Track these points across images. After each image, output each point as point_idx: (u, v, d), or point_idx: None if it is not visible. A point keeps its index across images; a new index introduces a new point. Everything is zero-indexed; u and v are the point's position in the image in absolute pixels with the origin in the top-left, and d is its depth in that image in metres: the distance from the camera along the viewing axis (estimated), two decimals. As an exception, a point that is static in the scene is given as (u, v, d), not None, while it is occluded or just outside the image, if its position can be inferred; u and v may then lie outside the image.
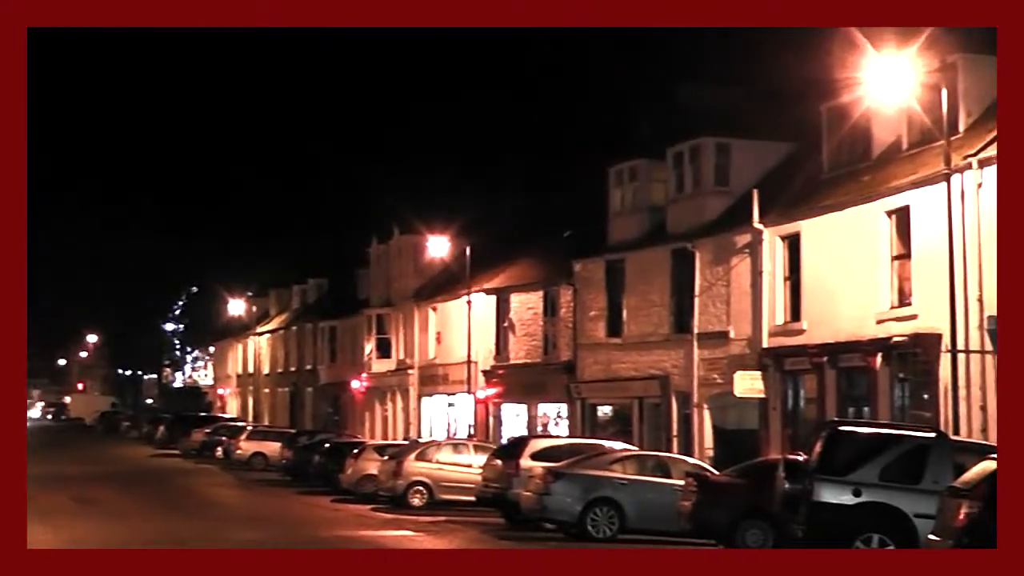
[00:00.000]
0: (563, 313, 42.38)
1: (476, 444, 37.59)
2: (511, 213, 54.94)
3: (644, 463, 28.37)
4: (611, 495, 26.80)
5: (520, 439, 34.49)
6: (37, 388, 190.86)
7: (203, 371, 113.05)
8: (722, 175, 35.71)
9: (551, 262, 44.23)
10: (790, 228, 31.99)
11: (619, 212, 39.84)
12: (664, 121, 41.02)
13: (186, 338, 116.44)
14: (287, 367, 77.94)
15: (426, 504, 34.35)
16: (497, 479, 30.86)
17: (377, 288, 60.47)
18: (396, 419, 57.64)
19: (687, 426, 35.78)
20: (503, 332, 46.64)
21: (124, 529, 27.93)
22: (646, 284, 37.91)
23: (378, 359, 58.69)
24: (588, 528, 26.51)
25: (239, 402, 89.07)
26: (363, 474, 37.53)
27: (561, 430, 41.73)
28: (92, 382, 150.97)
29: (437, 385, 52.82)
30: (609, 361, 39.56)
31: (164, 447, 66.89)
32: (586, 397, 40.97)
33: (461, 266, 47.32)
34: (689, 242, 35.54)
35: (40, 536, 26.68)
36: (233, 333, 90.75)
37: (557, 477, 27.32)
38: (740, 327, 33.56)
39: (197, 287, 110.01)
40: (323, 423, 66.65)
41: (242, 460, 52.63)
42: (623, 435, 37.17)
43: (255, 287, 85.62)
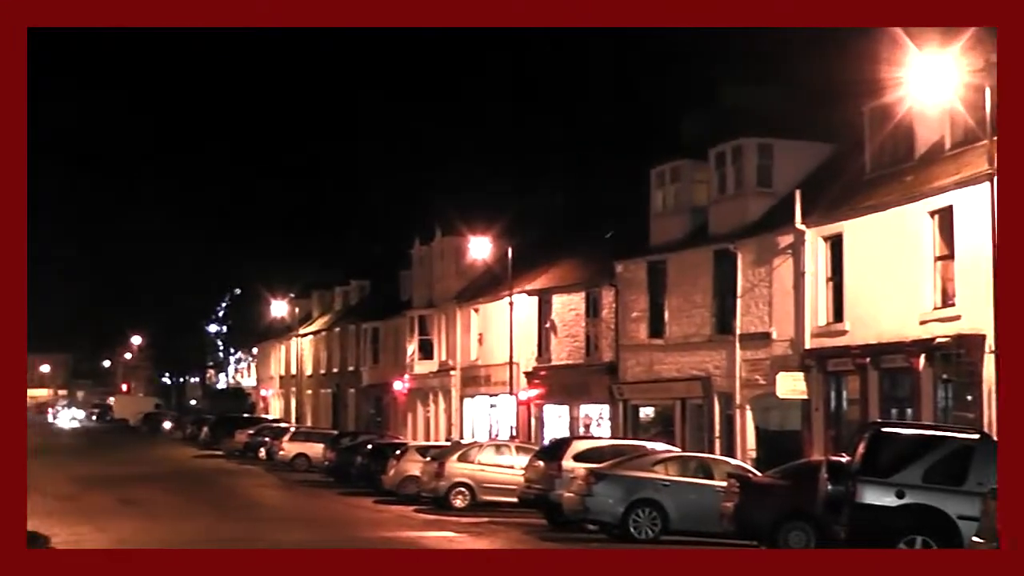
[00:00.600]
0: (605, 314, 42.36)
1: (518, 445, 37.65)
2: (553, 214, 54.97)
3: (686, 464, 28.37)
4: (653, 496, 26.80)
5: (562, 440, 34.51)
6: (82, 389, 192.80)
7: (246, 373, 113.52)
8: (764, 176, 35.60)
9: (593, 263, 44.22)
10: (833, 229, 31.87)
11: (661, 213, 39.79)
12: (706, 122, 40.93)
13: (229, 340, 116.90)
14: (330, 368, 78.22)
15: (468, 505, 34.44)
16: (539, 480, 30.91)
17: (419, 289, 60.61)
18: (438, 420, 57.75)
19: (729, 427, 35.69)
20: (545, 333, 46.65)
21: (168, 529, 28.15)
22: (688, 285, 37.84)
23: (420, 360, 58.82)
24: (630, 529, 26.52)
25: (282, 403, 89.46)
26: (405, 475, 37.65)
27: (603, 431, 41.68)
28: (136, 383, 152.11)
29: (479, 386, 52.90)
30: (651, 362, 39.51)
31: (208, 448, 67.32)
32: (628, 398, 40.93)
33: (503, 267, 47.37)
34: (731, 243, 35.45)
35: (87, 536, 26.99)
36: (276, 335, 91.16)
37: (599, 478, 27.34)
38: (782, 328, 33.46)
39: (240, 289, 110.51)
40: (365, 424, 66.85)
41: (285, 461, 52.88)
42: (665, 436, 37.14)
43: (298, 289, 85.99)
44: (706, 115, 41.80)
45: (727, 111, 40.00)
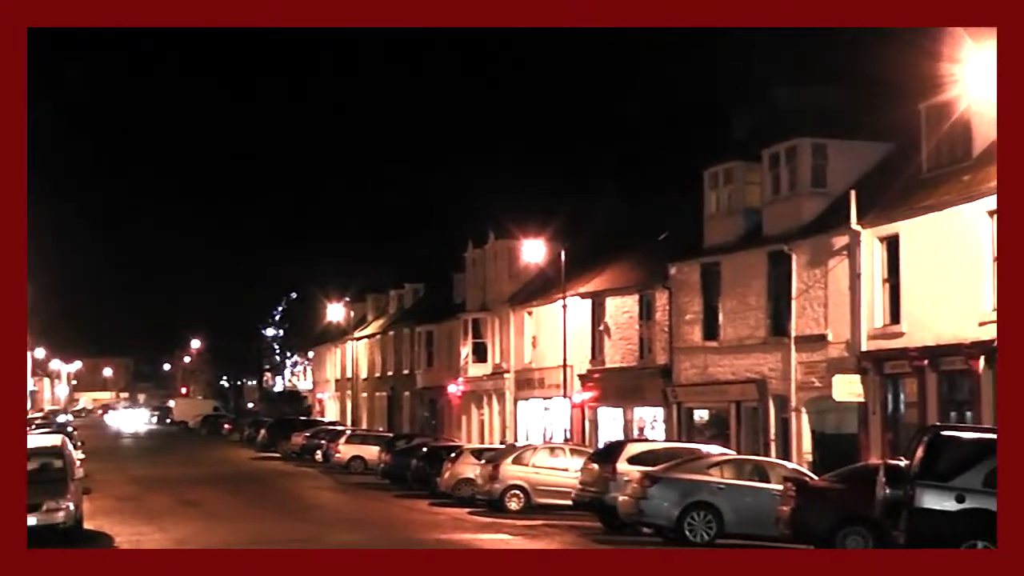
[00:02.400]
0: (659, 316, 42.24)
1: (572, 448, 37.66)
2: (606, 216, 54.91)
3: (742, 467, 28.27)
4: (709, 499, 26.73)
5: (616, 443, 34.47)
6: (143, 392, 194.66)
7: (302, 376, 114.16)
8: (819, 176, 35.37)
9: (646, 265, 44.12)
10: (889, 229, 31.62)
11: (714, 214, 39.65)
12: (759, 122, 40.76)
13: (286, 343, 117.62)
14: (384, 371, 78.52)
15: (523, 508, 34.52)
16: (594, 483, 30.91)
17: (473, 292, 60.72)
18: (492, 423, 57.83)
19: (785, 430, 35.49)
20: (599, 336, 46.60)
21: (227, 530, 28.42)
22: (742, 287, 37.68)
23: (474, 363, 58.92)
24: (685, 532, 26.47)
25: (338, 406, 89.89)
26: (460, 478, 37.78)
27: (657, 434, 41.58)
28: (195, 386, 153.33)
29: (533, 389, 52.92)
30: (705, 365, 39.38)
31: (265, 450, 67.79)
32: (682, 401, 40.80)
33: (556, 270, 47.37)
34: (786, 244, 35.26)
35: (149, 536, 27.31)
36: (331, 338, 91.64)
37: (654, 481, 27.30)
38: (838, 330, 33.24)
39: (296, 293, 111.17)
40: (420, 427, 67.09)
41: (341, 463, 53.16)
42: (720, 439, 37.00)
43: (353, 292, 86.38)
44: (759, 116, 41.63)
45: (780, 111, 39.82)
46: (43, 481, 26.95)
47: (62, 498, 25.74)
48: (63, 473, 27.16)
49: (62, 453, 28.19)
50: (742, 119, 43.24)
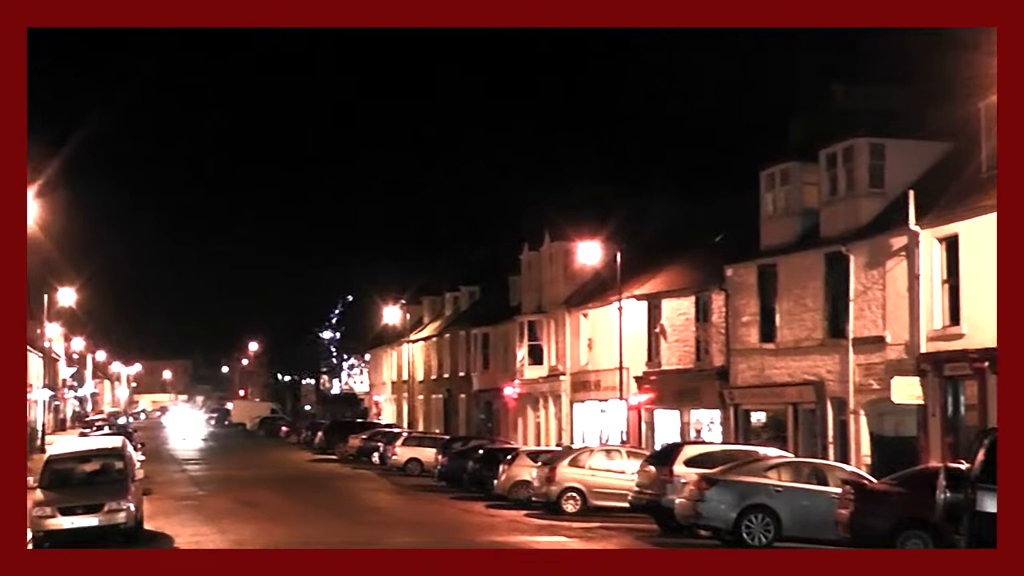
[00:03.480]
0: (715, 318, 42.08)
1: (629, 450, 37.61)
2: (661, 218, 54.76)
3: (799, 470, 28.10)
4: (766, 502, 26.60)
5: (673, 445, 34.38)
6: (201, 394, 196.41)
7: (359, 378, 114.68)
8: (876, 176, 35.12)
9: (702, 267, 43.98)
10: (948, 229, 31.33)
11: (771, 215, 39.45)
12: (816, 122, 40.50)
13: (342, 346, 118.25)
14: (441, 374, 78.72)
15: (579, 510, 34.51)
16: (650, 485, 30.87)
17: (529, 295, 60.76)
18: (548, 425, 57.84)
19: (843, 433, 35.26)
20: (655, 338, 46.49)
21: (285, 531, 28.61)
22: (799, 288, 37.47)
23: (530, 365, 58.96)
24: (743, 535, 26.36)
25: (394, 408, 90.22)
26: (516, 480, 37.83)
27: (714, 436, 41.44)
28: (253, 388, 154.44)
29: (589, 391, 52.89)
30: (762, 367, 39.19)
31: (322, 452, 68.14)
32: (739, 403, 40.63)
33: (612, 272, 47.30)
34: (843, 245, 35.03)
35: (208, 537, 27.56)
36: (388, 340, 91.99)
37: (711, 484, 27.21)
38: (897, 332, 32.99)
39: (353, 296, 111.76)
40: (476, 429, 67.19)
41: (398, 466, 53.34)
42: (777, 442, 36.82)
43: (409, 295, 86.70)
44: (815, 116, 41.36)
45: (837, 111, 39.56)
46: (104, 482, 27.31)
47: (123, 499, 26.04)
48: (123, 474, 27.47)
49: (122, 454, 28.52)
50: (799, 119, 42.98)
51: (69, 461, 28.55)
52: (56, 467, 27.82)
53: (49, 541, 25.31)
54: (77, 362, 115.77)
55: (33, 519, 25.53)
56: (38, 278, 72.15)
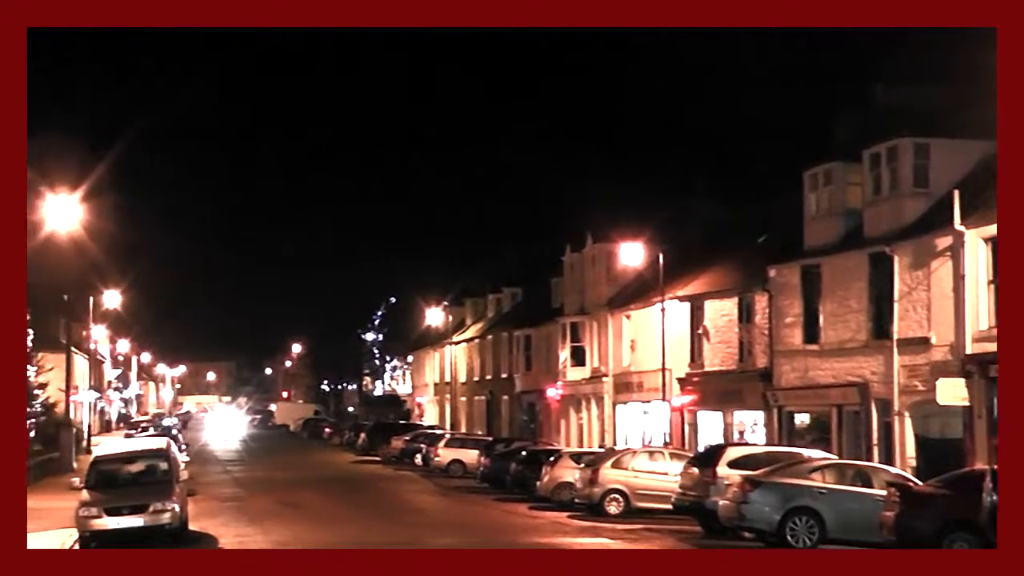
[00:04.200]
0: (758, 320, 41.90)
1: (672, 452, 37.56)
2: (704, 219, 54.62)
3: (844, 472, 27.94)
4: (810, 504, 26.47)
5: (716, 447, 34.29)
6: (244, 396, 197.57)
7: (401, 379, 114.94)
8: (921, 176, 34.87)
9: (745, 268, 43.82)
10: (994, 230, 30.96)
11: (814, 216, 39.24)
12: (859, 122, 40.25)
13: (385, 347, 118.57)
14: (483, 375, 78.79)
15: (622, 512, 34.48)
16: (694, 487, 30.79)
17: (571, 296, 60.72)
18: (591, 427, 57.78)
19: (888, 435, 35.04)
20: (698, 339, 46.35)
21: (328, 532, 28.73)
22: (843, 289, 37.26)
23: (573, 367, 58.93)
24: (787, 537, 26.23)
25: (437, 410, 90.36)
26: (559, 481, 37.82)
27: (757, 438, 41.28)
28: (296, 390, 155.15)
29: (632, 393, 52.80)
30: (806, 368, 38.99)
31: (365, 454, 68.33)
32: (783, 404, 40.45)
33: (654, 273, 47.20)
34: (887, 245, 34.81)
35: (252, 538, 27.71)
36: (430, 342, 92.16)
37: (755, 485, 27.11)
38: (942, 333, 32.74)
39: (395, 297, 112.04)
40: (519, 431, 67.19)
41: (440, 467, 53.42)
42: (821, 443, 36.63)
43: (451, 297, 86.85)
44: (858, 115, 41.10)
45: (880, 111, 39.31)
46: (149, 483, 27.53)
47: (168, 499, 26.23)
48: (168, 475, 27.67)
49: (167, 455, 28.72)
50: (842, 119, 42.74)
51: (115, 462, 28.79)
52: (102, 468, 28.07)
53: (95, 541, 25.54)
54: (122, 364, 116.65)
55: (79, 519, 25.78)
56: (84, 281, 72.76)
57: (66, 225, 44.85)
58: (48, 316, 62.19)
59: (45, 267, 52.89)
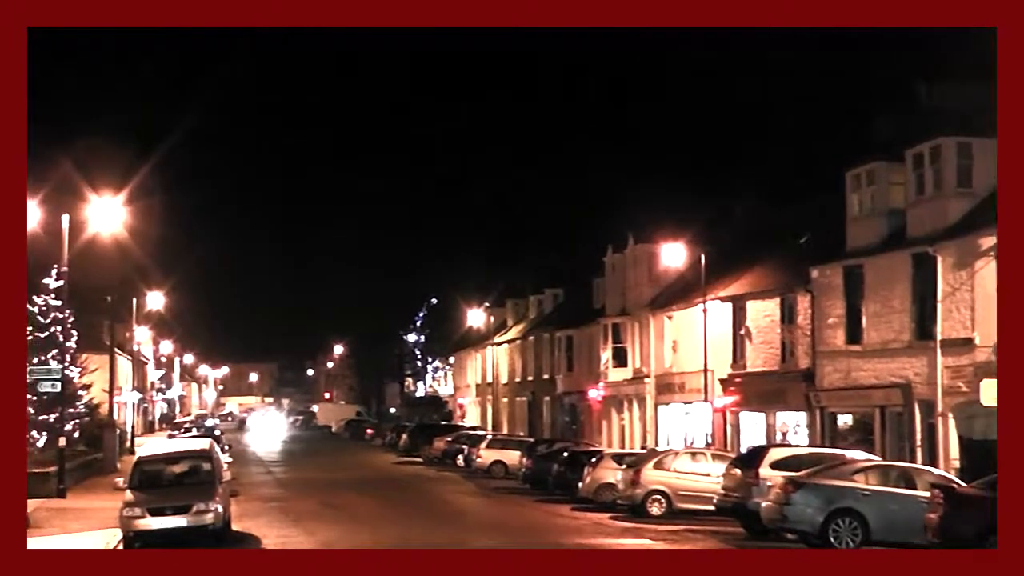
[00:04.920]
0: (801, 320, 41.74)
1: (714, 453, 37.45)
2: (745, 219, 54.45)
3: (887, 473, 27.78)
4: (854, 506, 26.33)
5: (759, 448, 34.17)
6: (287, 397, 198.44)
7: (443, 381, 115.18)
8: (964, 176, 34.61)
9: (787, 268, 43.65)
10: (1039, 230, 30.80)
11: (857, 216, 39.05)
12: (901, 122, 40.02)
13: (427, 348, 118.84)
14: (525, 376, 78.82)
15: (664, 513, 34.42)
16: (736, 488, 30.71)
17: (613, 297, 60.67)
18: (633, 428, 57.70)
19: (931, 436, 34.80)
20: (740, 340, 46.23)
21: (370, 533, 28.81)
22: (886, 290, 37.05)
23: (614, 368, 58.88)
24: (830, 539, 26.11)
25: (478, 411, 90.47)
26: (601, 483, 37.79)
27: (800, 439, 41.11)
28: (338, 391, 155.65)
29: (673, 394, 52.69)
30: (849, 369, 38.80)
31: (407, 455, 68.49)
32: (825, 406, 40.27)
33: (696, 274, 47.10)
34: (930, 246, 34.58)
35: (295, 538, 27.84)
36: (472, 343, 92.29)
37: (798, 487, 27.00)
38: (986, 333, 32.46)
39: (437, 299, 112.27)
40: (561, 432, 67.18)
41: (482, 468, 53.48)
42: (864, 445, 36.45)
43: (493, 298, 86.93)
44: (901, 115, 40.86)
45: (922, 110, 39.07)
46: (192, 483, 27.69)
47: (211, 500, 26.37)
48: (211, 476, 27.82)
49: (210, 456, 28.87)
50: (885, 119, 42.49)
51: (158, 463, 28.98)
52: (145, 468, 28.26)
53: (139, 541, 25.73)
54: (165, 365, 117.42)
55: (123, 519, 25.97)
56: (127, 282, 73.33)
57: (110, 227, 45.34)
58: (92, 317, 62.66)
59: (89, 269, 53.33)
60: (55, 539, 27.21)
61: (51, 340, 49.34)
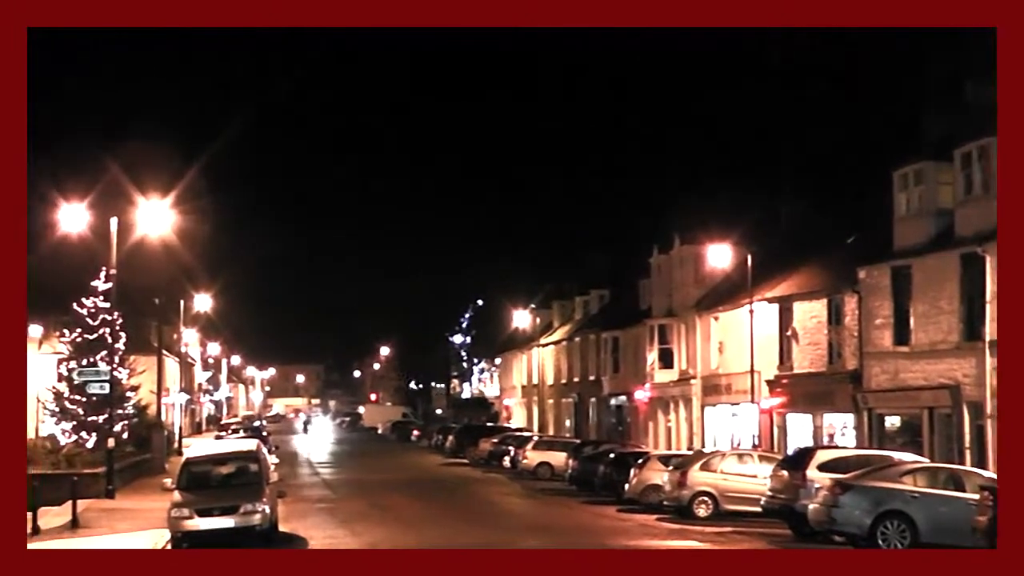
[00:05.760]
0: (848, 321, 41.48)
1: (761, 454, 37.31)
2: (792, 220, 54.18)
3: (936, 476, 27.55)
4: (902, 508, 26.13)
5: (806, 450, 33.99)
6: (333, 399, 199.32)
7: (489, 382, 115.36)
8: (1014, 175, 34.29)
9: (835, 269, 43.40)
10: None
11: (905, 216, 38.78)
12: (949, 121, 39.70)
13: (472, 350, 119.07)
14: (571, 377, 78.77)
15: (711, 514, 34.30)
16: (783, 490, 30.57)
17: (659, 298, 60.52)
18: (679, 429, 57.53)
19: (980, 438, 34.47)
20: (786, 341, 45.99)
21: (417, 534, 28.87)
22: (934, 290, 36.76)
23: (661, 369, 58.73)
24: (878, 542, 25.91)
25: (524, 412, 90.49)
26: (648, 484, 37.71)
27: (847, 441, 40.87)
28: (384, 393, 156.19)
29: (720, 395, 52.50)
30: (896, 370, 38.53)
31: (453, 456, 68.58)
32: (873, 407, 40.01)
33: (743, 274, 46.91)
34: (979, 246, 34.27)
35: (342, 539, 27.94)
36: (518, 344, 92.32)
37: (845, 489, 26.84)
38: (1036, 334, 32.17)
39: (482, 300, 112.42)
40: (607, 433, 67.10)
41: (528, 470, 53.47)
42: (912, 447, 36.17)
43: (538, 299, 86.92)
44: (949, 114, 40.52)
45: (972, 109, 38.72)
46: (239, 484, 27.84)
47: (258, 501, 26.51)
48: (258, 477, 27.96)
49: (257, 457, 29.01)
50: (932, 118, 42.17)
51: (206, 464, 29.15)
52: (193, 469, 28.45)
53: (187, 542, 25.91)
54: (212, 366, 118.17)
55: (171, 520, 26.16)
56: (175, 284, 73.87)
57: (158, 230, 45.70)
58: (140, 319, 63.18)
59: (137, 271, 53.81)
60: (104, 539, 27.47)
61: (100, 342, 49.77)
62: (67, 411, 51.62)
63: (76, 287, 53.19)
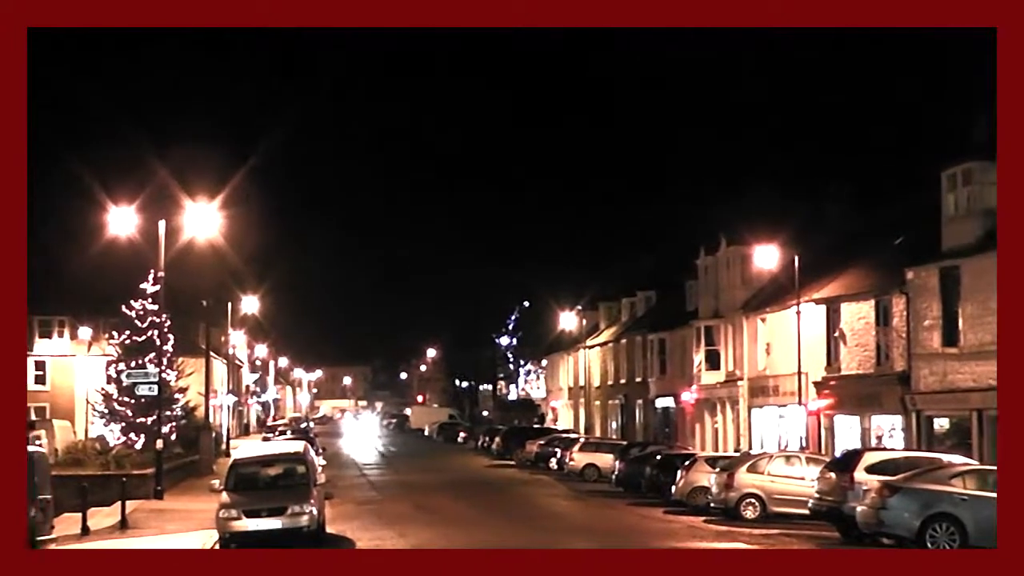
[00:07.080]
0: (896, 322, 41.21)
1: (808, 456, 37.15)
2: (839, 221, 53.88)
3: (985, 478, 27.22)
4: (951, 511, 25.90)
5: (854, 452, 33.81)
6: (380, 400, 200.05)
7: (535, 384, 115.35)
8: (1064, 175, 33.95)
9: (882, 270, 43.13)
10: None
11: (953, 217, 38.49)
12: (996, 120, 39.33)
13: (519, 352, 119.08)
14: (617, 379, 78.67)
15: (758, 516, 34.20)
16: (831, 492, 30.42)
17: (705, 299, 60.33)
18: (726, 431, 57.32)
19: (1032, 439, 34.16)
20: (834, 342, 45.74)
21: (464, 536, 28.94)
22: (984, 291, 36.41)
23: (707, 371, 58.52)
24: (927, 544, 25.67)
25: (571, 414, 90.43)
26: (695, 486, 37.64)
27: (896, 443, 40.61)
28: (431, 394, 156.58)
29: (767, 397, 52.28)
30: (945, 372, 38.23)
31: (500, 458, 68.67)
32: (921, 409, 39.71)
33: (790, 276, 46.69)
34: (1030, 246, 33.96)
35: (388, 540, 28.09)
36: (564, 346, 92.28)
37: (894, 491, 26.66)
38: (1088, 334, 31.85)
39: (529, 302, 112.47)
40: (653, 435, 66.97)
41: (575, 471, 53.47)
42: (962, 449, 35.86)
43: (585, 301, 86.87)
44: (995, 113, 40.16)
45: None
46: (287, 486, 28.00)
47: (306, 502, 26.64)
48: (306, 478, 28.10)
49: (304, 459, 29.15)
50: (980, 117, 41.81)
51: (253, 465, 29.33)
52: (241, 471, 28.63)
53: (235, 542, 26.09)
54: (260, 368, 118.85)
55: (220, 521, 26.35)
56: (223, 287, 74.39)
57: (206, 232, 46.04)
58: (188, 321, 63.64)
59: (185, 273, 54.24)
60: (152, 540, 27.73)
61: (149, 344, 50.26)
62: (116, 413, 52.15)
63: (125, 290, 53.74)
